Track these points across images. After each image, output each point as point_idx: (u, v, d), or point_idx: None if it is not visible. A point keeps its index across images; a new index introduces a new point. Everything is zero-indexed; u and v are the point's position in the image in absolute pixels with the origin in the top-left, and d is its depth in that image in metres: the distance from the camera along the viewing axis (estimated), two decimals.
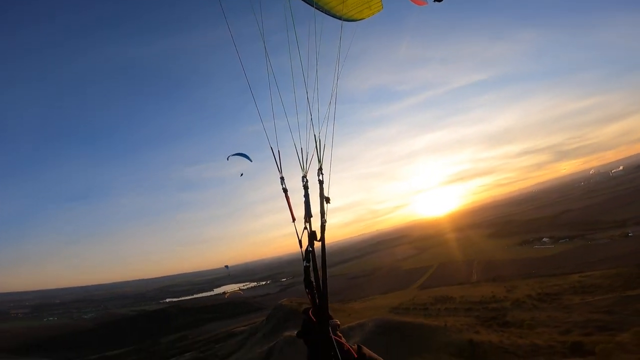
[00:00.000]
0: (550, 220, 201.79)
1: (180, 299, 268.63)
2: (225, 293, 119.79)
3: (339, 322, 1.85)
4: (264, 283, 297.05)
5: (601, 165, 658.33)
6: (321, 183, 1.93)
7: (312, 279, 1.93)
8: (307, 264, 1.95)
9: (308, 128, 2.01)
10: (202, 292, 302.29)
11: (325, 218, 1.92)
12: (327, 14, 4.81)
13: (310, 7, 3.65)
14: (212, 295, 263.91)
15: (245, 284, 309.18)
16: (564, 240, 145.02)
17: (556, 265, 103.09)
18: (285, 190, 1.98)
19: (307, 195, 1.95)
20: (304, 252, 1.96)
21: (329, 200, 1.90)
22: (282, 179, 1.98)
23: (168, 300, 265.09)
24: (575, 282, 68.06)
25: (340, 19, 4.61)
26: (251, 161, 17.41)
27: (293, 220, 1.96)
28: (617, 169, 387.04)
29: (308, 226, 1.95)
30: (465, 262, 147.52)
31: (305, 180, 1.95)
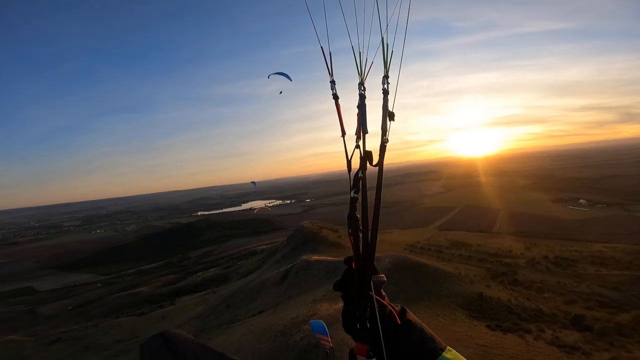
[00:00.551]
0: (592, 182, 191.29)
1: (211, 212, 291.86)
2: (254, 209, 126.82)
3: (385, 279, 1.45)
4: (288, 202, 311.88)
5: None
6: (386, 93, 1.55)
7: (359, 216, 1.47)
8: (356, 195, 1.47)
9: (370, 27, 1.58)
10: (231, 207, 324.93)
11: (387, 137, 1.51)
12: None
13: None
14: (239, 211, 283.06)
15: (270, 201, 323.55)
16: (600, 206, 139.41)
17: (583, 231, 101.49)
18: (335, 97, 1.59)
19: (362, 106, 1.54)
20: (352, 178, 1.49)
21: (393, 116, 1.53)
22: (332, 82, 1.58)
23: (200, 214, 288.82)
24: (596, 252, 67.09)
25: None
26: (291, 81, 17.55)
27: (343, 134, 1.54)
28: None
29: (361, 145, 1.53)
30: (491, 209, 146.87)
31: (363, 88, 1.55)
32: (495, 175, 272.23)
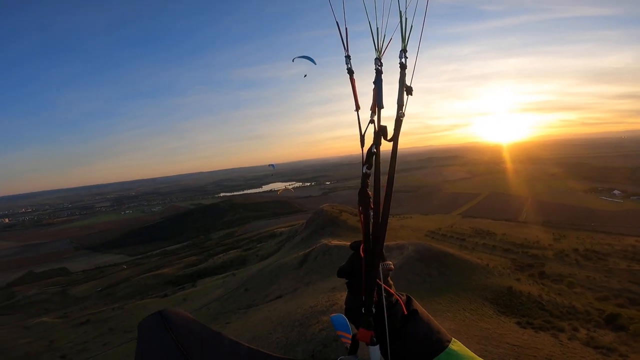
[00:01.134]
0: (628, 172, 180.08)
1: (233, 193, 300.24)
2: (277, 190, 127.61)
3: (392, 266, 1.38)
4: (308, 184, 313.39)
5: None
6: (403, 67, 1.45)
7: (371, 193, 1.42)
8: (368, 170, 1.42)
9: (389, 6, 1.52)
10: (252, 189, 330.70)
11: (404, 111, 1.41)
12: None
13: None
14: (260, 192, 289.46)
15: (290, 183, 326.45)
16: (636, 198, 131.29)
17: (616, 223, 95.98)
18: (350, 72, 1.49)
19: (379, 81, 1.46)
20: (365, 154, 1.43)
21: (411, 90, 1.43)
22: (347, 57, 1.50)
23: (222, 195, 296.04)
24: (628, 246, 63.34)
25: None
26: (315, 64, 17.15)
27: (357, 108, 1.47)
28: None
29: (376, 119, 1.45)
30: (518, 197, 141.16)
31: (380, 64, 1.46)
32: (524, 162, 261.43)
